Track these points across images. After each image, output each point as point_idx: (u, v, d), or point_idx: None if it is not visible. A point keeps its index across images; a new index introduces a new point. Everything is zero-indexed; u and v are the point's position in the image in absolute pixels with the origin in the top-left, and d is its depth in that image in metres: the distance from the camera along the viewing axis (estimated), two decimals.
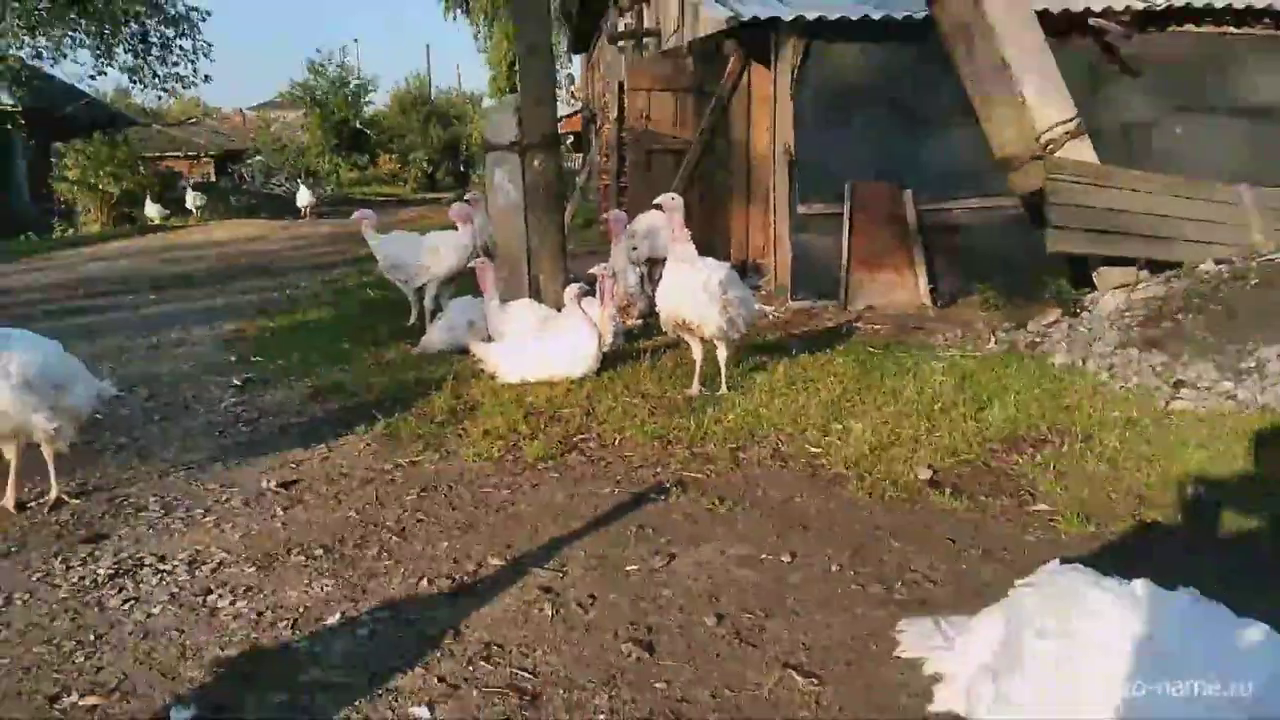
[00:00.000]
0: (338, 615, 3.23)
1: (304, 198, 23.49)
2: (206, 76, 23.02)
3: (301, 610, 3.28)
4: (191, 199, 22.96)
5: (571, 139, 28.42)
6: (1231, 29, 9.00)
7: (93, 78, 22.53)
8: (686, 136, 10.69)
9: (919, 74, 8.65)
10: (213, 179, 31.54)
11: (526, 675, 2.87)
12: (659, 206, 5.85)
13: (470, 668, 2.91)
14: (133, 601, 3.35)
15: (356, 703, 2.73)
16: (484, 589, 3.43)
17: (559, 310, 6.91)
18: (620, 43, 15.51)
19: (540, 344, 6.24)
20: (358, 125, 35.76)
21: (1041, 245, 7.76)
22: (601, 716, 2.64)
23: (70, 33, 19.81)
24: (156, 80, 21.69)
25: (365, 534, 3.94)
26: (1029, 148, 7.94)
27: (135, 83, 21.86)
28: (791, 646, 3.02)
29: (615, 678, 2.84)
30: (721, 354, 5.90)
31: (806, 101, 8.84)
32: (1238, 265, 6.91)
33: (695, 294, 5.63)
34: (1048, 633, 1.47)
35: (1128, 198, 7.80)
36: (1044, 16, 7.86)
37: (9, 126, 19.60)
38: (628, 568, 3.59)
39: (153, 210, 21.77)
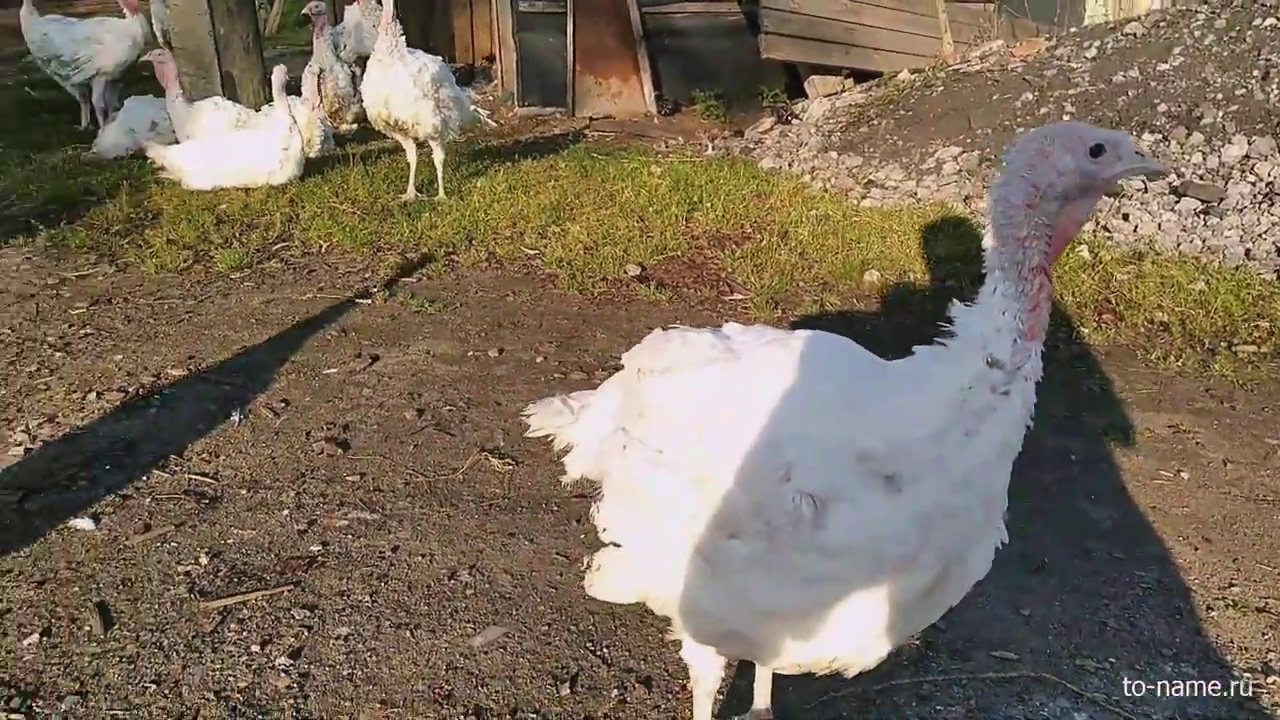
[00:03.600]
0: None
1: None
2: None
3: None
4: None
5: None
6: None
7: None
8: None
9: None
10: None
11: (207, 480, 2.72)
12: None
13: (144, 477, 2.72)
14: None
15: (6, 522, 2.48)
16: (162, 400, 3.18)
17: (257, 110, 6.29)
18: None
19: (235, 146, 5.65)
20: None
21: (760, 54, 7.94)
22: (286, 511, 2.57)
23: None
24: None
25: (22, 350, 3.51)
26: None
27: None
28: (490, 434, 3.06)
29: (305, 474, 2.77)
30: (437, 156, 5.63)
31: None
32: (927, 74, 7.43)
33: (405, 89, 5.26)
34: (658, 371, 1.57)
35: (835, 7, 8.09)
36: None
37: None
38: (326, 371, 3.45)
39: None
